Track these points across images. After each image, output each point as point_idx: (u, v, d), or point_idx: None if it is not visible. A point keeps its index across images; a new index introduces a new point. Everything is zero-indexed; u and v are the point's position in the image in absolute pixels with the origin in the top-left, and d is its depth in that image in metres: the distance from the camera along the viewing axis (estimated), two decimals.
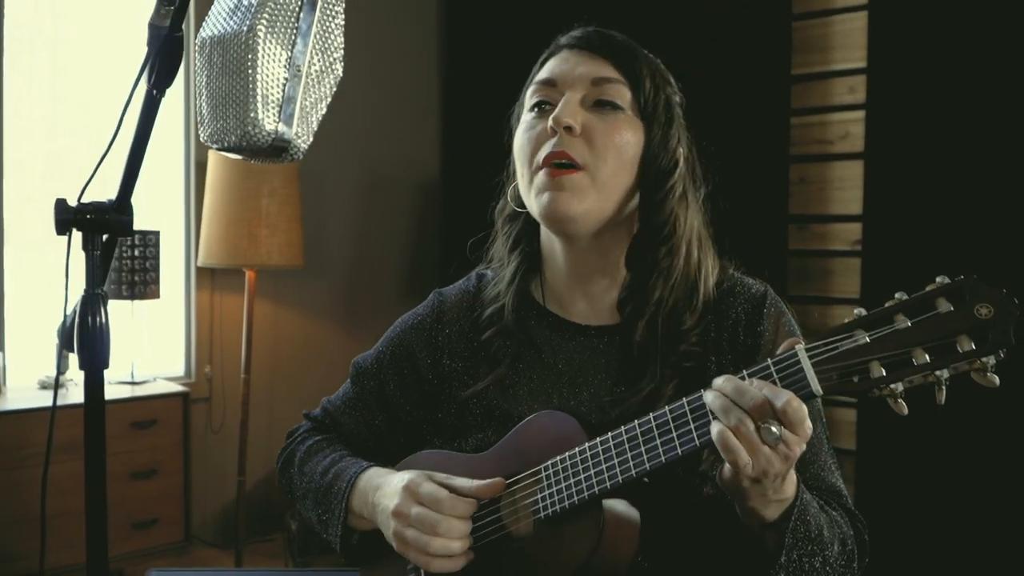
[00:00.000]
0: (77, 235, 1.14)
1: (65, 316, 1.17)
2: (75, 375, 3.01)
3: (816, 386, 0.79)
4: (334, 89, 0.68)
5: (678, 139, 1.09)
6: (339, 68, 0.66)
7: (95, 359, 1.14)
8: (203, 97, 0.68)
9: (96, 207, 1.10)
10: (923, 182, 2.64)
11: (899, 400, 0.76)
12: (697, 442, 0.85)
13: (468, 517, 0.96)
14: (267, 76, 0.61)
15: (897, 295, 0.77)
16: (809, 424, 0.80)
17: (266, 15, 0.58)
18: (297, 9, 0.60)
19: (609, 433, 0.91)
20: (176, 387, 3.00)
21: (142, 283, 2.92)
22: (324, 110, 0.69)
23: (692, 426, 0.85)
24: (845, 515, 1.01)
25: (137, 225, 3.36)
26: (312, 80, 0.64)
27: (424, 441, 1.15)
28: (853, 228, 2.90)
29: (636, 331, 1.05)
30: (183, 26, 0.89)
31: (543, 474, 0.95)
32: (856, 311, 0.78)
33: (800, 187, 3.02)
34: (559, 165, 1.02)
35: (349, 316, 3.70)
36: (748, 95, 2.93)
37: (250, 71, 0.59)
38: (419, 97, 3.89)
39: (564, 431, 0.95)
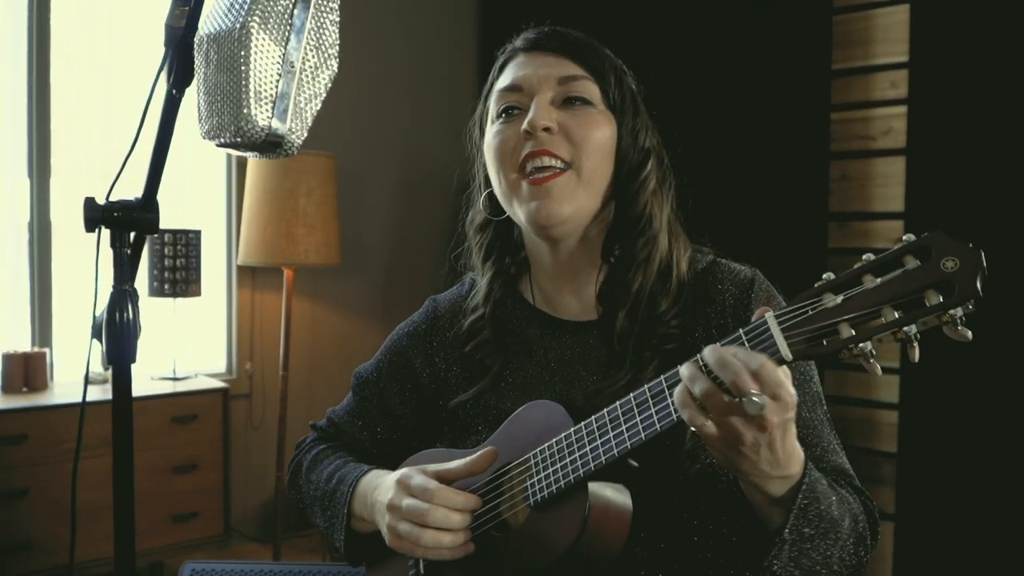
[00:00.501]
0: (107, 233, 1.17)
1: (95, 312, 1.20)
2: None
3: (786, 351, 0.77)
4: (329, 85, 0.68)
5: (646, 130, 1.09)
6: (334, 64, 0.66)
7: (122, 354, 1.17)
8: (201, 93, 0.69)
9: (122, 205, 1.12)
10: (967, 178, 2.57)
11: (871, 360, 0.75)
12: (674, 416, 0.83)
13: (461, 508, 0.96)
14: (260, 72, 0.62)
15: (865, 256, 0.76)
16: (789, 390, 0.77)
17: (259, 12, 0.59)
18: (291, 6, 0.61)
19: (593, 416, 0.91)
20: (216, 383, 3.05)
21: (183, 281, 2.98)
22: (319, 105, 0.70)
23: (669, 400, 0.84)
24: (854, 493, 0.99)
25: (180, 224, 3.45)
26: (307, 76, 0.64)
27: (427, 446, 1.16)
28: (895, 226, 2.84)
29: (616, 322, 1.05)
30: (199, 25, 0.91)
31: (532, 461, 0.95)
32: (825, 275, 0.78)
33: (841, 184, 2.97)
34: (540, 169, 1.02)
35: (386, 314, 3.73)
36: (788, 90, 2.89)
37: (243, 67, 0.59)
38: (457, 96, 3.90)
39: (552, 418, 0.96)
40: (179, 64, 0.91)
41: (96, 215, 1.12)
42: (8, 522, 2.49)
